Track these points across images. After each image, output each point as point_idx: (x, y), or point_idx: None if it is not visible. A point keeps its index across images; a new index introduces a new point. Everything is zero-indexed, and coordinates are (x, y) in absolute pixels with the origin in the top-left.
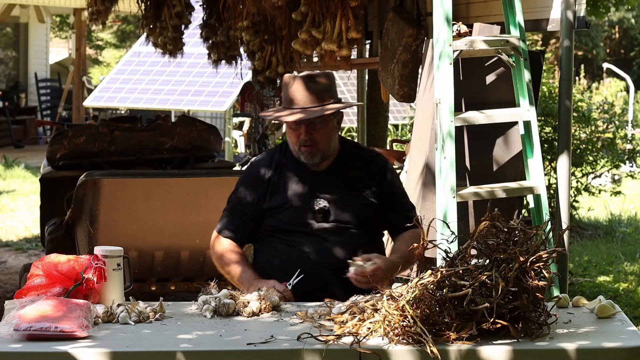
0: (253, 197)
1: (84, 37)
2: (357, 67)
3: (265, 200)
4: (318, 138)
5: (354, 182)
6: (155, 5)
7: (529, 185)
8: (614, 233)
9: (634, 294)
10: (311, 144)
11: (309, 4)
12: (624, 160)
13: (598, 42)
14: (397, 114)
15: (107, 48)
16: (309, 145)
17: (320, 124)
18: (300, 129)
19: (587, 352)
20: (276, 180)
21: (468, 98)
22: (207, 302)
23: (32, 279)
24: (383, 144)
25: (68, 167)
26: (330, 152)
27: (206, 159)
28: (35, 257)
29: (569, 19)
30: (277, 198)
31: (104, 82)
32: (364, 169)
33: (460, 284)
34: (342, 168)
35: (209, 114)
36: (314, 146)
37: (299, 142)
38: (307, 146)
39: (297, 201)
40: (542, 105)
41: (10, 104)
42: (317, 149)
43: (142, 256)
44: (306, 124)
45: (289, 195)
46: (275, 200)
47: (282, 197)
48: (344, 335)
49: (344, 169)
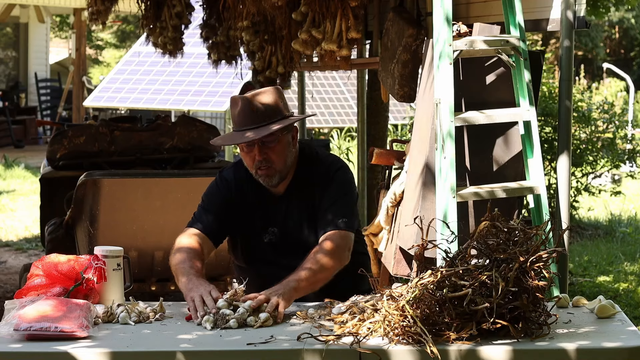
0: (223, 207)
1: (84, 37)
2: (357, 67)
3: (231, 217)
4: (273, 157)
5: (307, 203)
6: (155, 5)
7: (529, 185)
8: (614, 233)
9: (634, 294)
10: (267, 165)
11: (309, 4)
12: (624, 160)
13: (598, 42)
14: (397, 114)
15: (107, 48)
16: (265, 166)
17: (273, 142)
18: (254, 150)
19: (587, 352)
20: (237, 201)
21: (468, 98)
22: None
23: (32, 279)
24: (383, 144)
25: (68, 167)
26: (287, 170)
27: (206, 159)
28: (35, 257)
29: (569, 19)
30: (238, 222)
31: (104, 82)
32: (315, 184)
33: (460, 284)
34: (299, 185)
35: (209, 114)
36: (270, 167)
37: (254, 164)
38: (262, 168)
39: (252, 230)
40: (542, 105)
41: (10, 104)
42: (274, 169)
43: (142, 256)
44: (259, 144)
45: (248, 223)
46: (237, 225)
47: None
48: (344, 335)
49: (300, 187)
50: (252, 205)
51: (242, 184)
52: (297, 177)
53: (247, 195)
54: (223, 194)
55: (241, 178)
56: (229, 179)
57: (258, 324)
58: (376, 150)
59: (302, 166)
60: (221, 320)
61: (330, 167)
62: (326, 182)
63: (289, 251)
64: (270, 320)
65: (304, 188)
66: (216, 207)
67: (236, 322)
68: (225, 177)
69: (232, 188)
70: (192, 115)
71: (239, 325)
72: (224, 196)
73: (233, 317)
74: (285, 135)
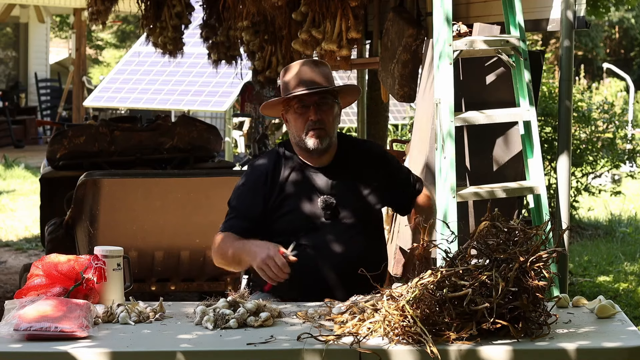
0: (258, 200)
1: (84, 37)
2: (357, 67)
3: (270, 202)
4: (326, 119)
5: (355, 175)
6: (155, 5)
7: (529, 185)
8: (614, 233)
9: (634, 294)
10: (320, 126)
11: (309, 4)
12: (624, 160)
13: (598, 42)
14: (397, 114)
15: (107, 48)
16: (318, 127)
17: (327, 106)
18: (309, 111)
19: (587, 352)
20: (279, 181)
21: (468, 98)
22: (206, 313)
23: (32, 279)
24: (383, 144)
25: (68, 167)
26: (334, 139)
27: (206, 159)
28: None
29: (569, 19)
30: (282, 200)
31: (104, 82)
32: (363, 160)
33: (460, 284)
34: (342, 162)
35: (209, 114)
36: (323, 129)
37: (307, 125)
38: (315, 129)
39: (302, 201)
40: (542, 105)
41: (10, 104)
42: (325, 131)
43: (142, 256)
44: (315, 105)
45: (294, 196)
46: (281, 202)
47: (287, 199)
48: (344, 335)
49: (344, 163)
50: (296, 181)
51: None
52: (340, 152)
53: (288, 173)
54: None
55: (276, 161)
56: (260, 166)
57: (258, 323)
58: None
59: (343, 144)
60: (221, 320)
61: (374, 145)
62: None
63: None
64: (270, 319)
65: (348, 164)
66: (251, 210)
67: (236, 322)
68: (257, 166)
69: (267, 173)
70: (192, 115)
71: (239, 325)
72: (261, 187)
73: (233, 317)
74: (336, 105)
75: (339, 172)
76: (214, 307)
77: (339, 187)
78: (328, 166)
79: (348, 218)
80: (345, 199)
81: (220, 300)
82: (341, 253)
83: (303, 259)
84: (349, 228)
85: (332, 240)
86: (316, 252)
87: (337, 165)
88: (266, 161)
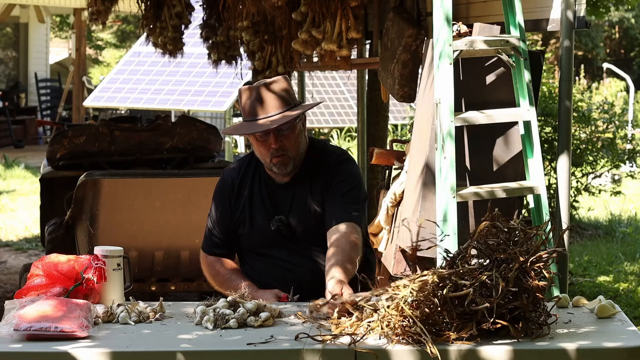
0: (227, 210)
1: (84, 37)
2: (357, 67)
3: (235, 214)
4: (288, 145)
5: (313, 190)
6: (155, 5)
7: (529, 185)
8: (614, 233)
9: (634, 294)
10: (282, 152)
11: (309, 4)
12: (624, 160)
13: (598, 42)
14: (397, 114)
15: (107, 48)
16: (281, 154)
17: (287, 130)
18: (269, 139)
19: (587, 352)
20: (243, 194)
21: (468, 98)
22: (206, 313)
23: (32, 279)
24: (383, 144)
25: (68, 167)
26: (300, 158)
27: (206, 159)
28: (35, 257)
29: (569, 19)
30: (243, 214)
31: (104, 82)
32: (319, 173)
33: (460, 284)
34: (303, 177)
35: (209, 114)
36: (285, 154)
37: (270, 153)
38: (278, 156)
39: (259, 219)
40: (542, 105)
41: (10, 104)
42: (288, 157)
43: (142, 256)
44: (274, 133)
45: (254, 213)
46: (242, 217)
47: (247, 214)
48: (343, 335)
49: (305, 179)
50: (258, 196)
51: (244, 178)
52: (305, 166)
53: (252, 187)
54: (227, 197)
55: (244, 172)
56: (227, 177)
57: (258, 323)
58: (376, 150)
59: (311, 156)
60: (221, 320)
61: (339, 157)
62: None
63: (296, 238)
64: (270, 319)
65: (312, 176)
66: (223, 222)
67: (236, 322)
68: (225, 177)
69: (234, 185)
70: (192, 115)
71: (239, 325)
72: (228, 198)
73: (233, 317)
74: (298, 123)
75: (298, 188)
76: (214, 307)
77: (298, 203)
78: (289, 183)
79: (298, 238)
80: (301, 215)
81: (220, 300)
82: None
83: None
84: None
85: (286, 257)
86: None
87: (297, 181)
88: (235, 170)
